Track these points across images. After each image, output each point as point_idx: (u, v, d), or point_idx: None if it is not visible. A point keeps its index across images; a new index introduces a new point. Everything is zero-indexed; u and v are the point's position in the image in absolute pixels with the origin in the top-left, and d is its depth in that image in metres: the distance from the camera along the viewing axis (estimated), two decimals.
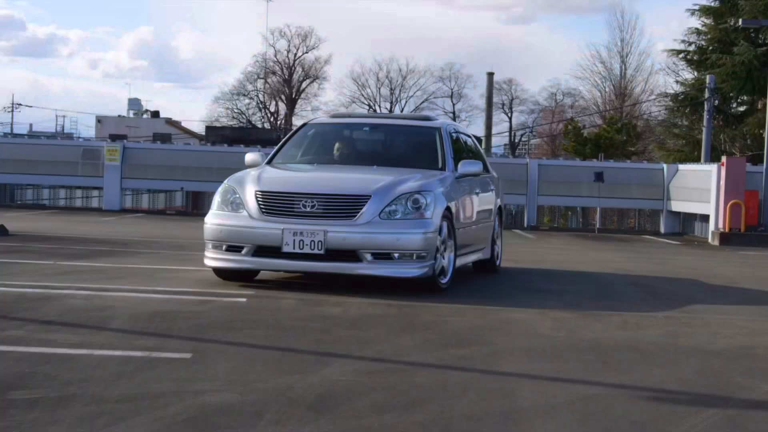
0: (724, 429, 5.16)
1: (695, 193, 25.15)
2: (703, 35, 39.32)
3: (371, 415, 5.15)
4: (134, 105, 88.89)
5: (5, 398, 5.19)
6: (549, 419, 5.22)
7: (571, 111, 73.28)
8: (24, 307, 8.18)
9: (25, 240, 15.01)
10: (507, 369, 6.51)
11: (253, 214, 9.55)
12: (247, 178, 9.99)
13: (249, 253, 9.54)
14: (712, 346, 7.71)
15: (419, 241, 9.39)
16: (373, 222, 9.36)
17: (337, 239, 9.27)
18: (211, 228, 9.78)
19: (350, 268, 9.44)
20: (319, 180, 10.33)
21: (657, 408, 5.58)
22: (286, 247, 9.31)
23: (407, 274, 9.46)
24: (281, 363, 6.36)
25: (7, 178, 27.97)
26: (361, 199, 9.46)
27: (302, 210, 9.41)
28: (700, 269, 15.15)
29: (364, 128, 12.08)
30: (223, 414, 5.04)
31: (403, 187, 9.69)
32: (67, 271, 10.92)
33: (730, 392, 6.07)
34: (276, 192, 9.66)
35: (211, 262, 9.88)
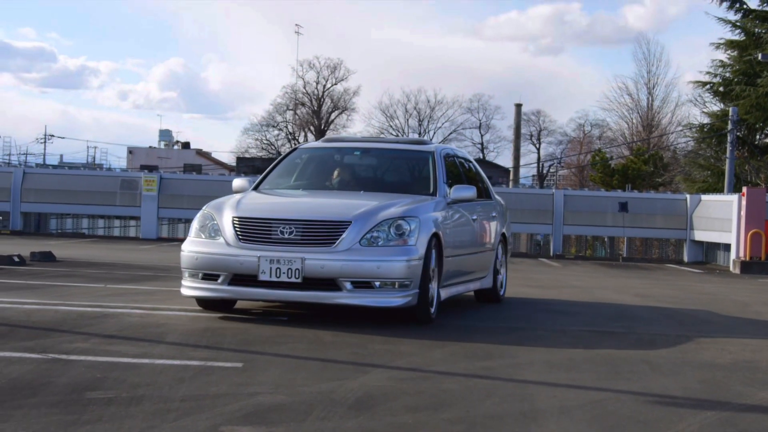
0: (718, 427, 5.83)
1: (717, 222, 25.74)
2: (728, 68, 39.90)
3: (405, 413, 5.85)
4: (165, 136, 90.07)
5: (84, 397, 5.93)
6: (562, 418, 5.91)
7: (599, 142, 73.73)
8: (86, 323, 8.95)
9: (73, 266, 15.84)
10: (527, 377, 7.20)
11: (230, 241, 9.26)
12: (225, 204, 9.69)
13: (225, 281, 9.24)
14: (717, 360, 8.38)
15: (401, 269, 9.01)
16: (353, 249, 9.00)
17: (315, 267, 8.93)
18: (187, 255, 9.49)
19: (329, 297, 9.06)
20: (298, 205, 9.97)
21: (660, 410, 6.25)
22: (262, 275, 9.01)
23: (388, 304, 9.06)
24: (323, 371, 7.07)
25: (48, 207, 28.91)
26: (341, 225, 9.12)
27: (279, 237, 9.10)
28: (717, 295, 15.77)
29: (355, 152, 11.61)
30: (276, 411, 5.76)
31: (385, 213, 9.33)
32: (118, 293, 11.71)
33: (729, 398, 6.74)
34: (253, 218, 9.35)
35: (188, 291, 9.55)
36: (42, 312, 9.58)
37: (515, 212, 27.83)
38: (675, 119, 63.28)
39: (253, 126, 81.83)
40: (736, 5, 39.26)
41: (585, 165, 68.33)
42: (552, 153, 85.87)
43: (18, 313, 9.39)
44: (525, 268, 21.26)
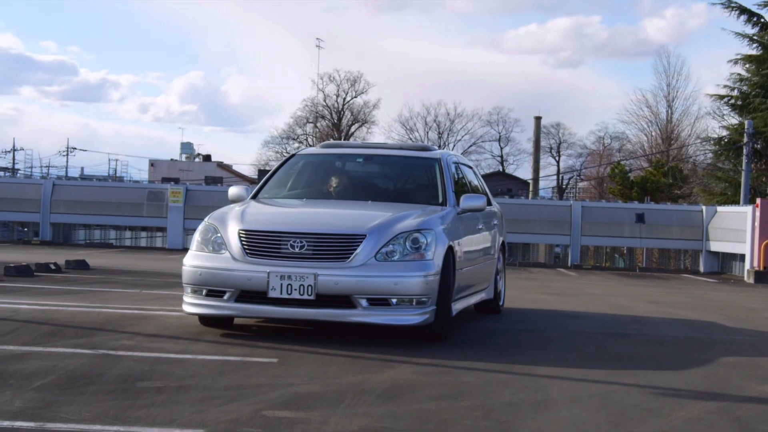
0: (715, 414, 6.37)
1: (732, 233, 26.23)
2: (745, 81, 40.28)
3: (428, 401, 6.42)
4: (187, 149, 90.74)
5: (136, 386, 6.52)
6: (573, 406, 6.47)
7: (618, 155, 74.06)
8: (128, 324, 9.57)
9: (107, 273, 16.49)
10: (541, 372, 7.76)
11: (236, 255, 8.70)
12: (229, 216, 9.13)
13: (231, 298, 8.69)
14: (720, 359, 8.93)
15: (419, 285, 8.54)
16: (369, 264, 8.51)
17: (328, 283, 8.41)
18: (189, 270, 8.92)
19: (343, 315, 8.52)
20: (308, 217, 9.46)
21: (663, 400, 6.80)
22: (272, 292, 8.47)
23: (406, 322, 8.57)
24: (352, 365, 7.64)
25: (77, 218, 29.61)
26: (356, 239, 8.62)
27: (290, 251, 8.56)
28: (729, 302, 16.30)
29: (358, 159, 11.13)
30: (311, 399, 6.33)
31: (401, 225, 8.85)
32: (154, 297, 12.33)
33: (728, 391, 7.29)
34: (261, 231, 8.80)
35: (190, 308, 8.97)
36: (86, 314, 10.20)
37: (534, 223, 28.46)
38: (694, 132, 63.54)
39: (273, 139, 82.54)
40: (754, 19, 39.63)
41: (604, 177, 68.70)
42: (572, 165, 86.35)
43: (64, 315, 10.01)
44: (542, 278, 21.80)
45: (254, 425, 5.54)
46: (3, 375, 6.72)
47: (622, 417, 6.19)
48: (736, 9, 39.39)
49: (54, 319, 9.61)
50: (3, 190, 29.54)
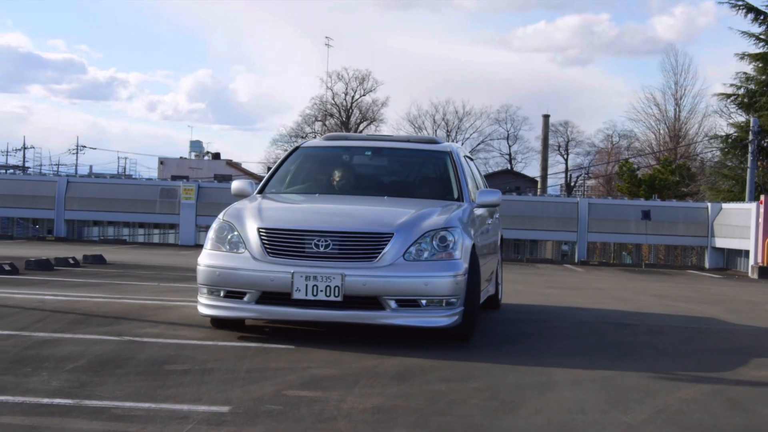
0: (710, 395, 6.76)
1: (737, 230, 26.61)
2: (752, 80, 40.55)
3: (438, 383, 6.81)
4: (196, 147, 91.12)
5: (163, 369, 6.93)
6: (575, 388, 6.85)
7: (627, 153, 74.31)
8: (150, 313, 9.99)
9: (123, 267, 16.94)
10: (545, 358, 8.16)
11: (256, 254, 8.28)
12: (245, 213, 8.72)
13: (252, 300, 8.26)
14: (718, 346, 9.34)
15: (449, 285, 8.22)
16: (397, 264, 8.16)
17: (356, 284, 8.04)
18: (206, 271, 8.48)
19: (371, 317, 8.16)
20: (331, 215, 8.93)
21: (661, 383, 7.18)
22: (297, 293, 8.06)
23: (436, 324, 8.25)
24: (366, 352, 8.02)
25: (91, 215, 30.10)
26: (383, 238, 8.26)
27: (314, 250, 8.18)
28: (730, 296, 16.69)
29: (366, 152, 10.73)
30: (328, 380, 6.73)
31: (428, 223, 8.52)
32: (172, 290, 12.77)
33: (724, 375, 7.68)
34: (283, 230, 8.37)
35: (207, 310, 8.53)
36: (109, 304, 10.63)
37: (541, 220, 28.86)
38: (702, 130, 63.78)
39: (282, 137, 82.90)
40: (761, 18, 39.91)
41: (612, 175, 68.98)
42: (580, 164, 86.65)
43: (88, 305, 10.43)
44: (549, 273, 22.19)
45: (276, 403, 5.93)
46: (38, 358, 7.14)
47: (622, 397, 6.57)
48: (743, 8, 39.63)
49: (79, 309, 10.04)
50: (18, 188, 30.01)
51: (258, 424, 5.38)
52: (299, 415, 5.63)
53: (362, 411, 5.80)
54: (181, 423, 5.34)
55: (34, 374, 6.55)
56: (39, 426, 5.17)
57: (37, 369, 6.74)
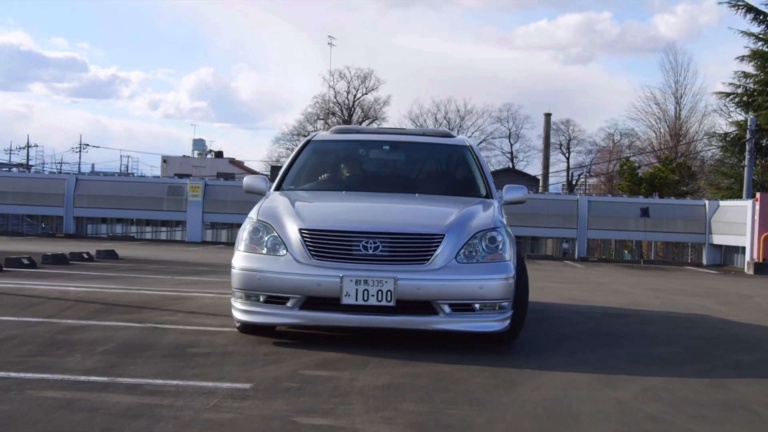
0: (694, 376, 7.29)
1: (734, 227, 27.15)
2: (751, 78, 41.03)
3: (443, 365, 7.33)
4: (199, 145, 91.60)
5: (187, 352, 7.46)
6: (570, 368, 7.37)
7: (628, 151, 74.71)
8: (168, 303, 10.53)
9: (136, 262, 17.49)
10: (543, 345, 8.68)
11: (299, 257, 7.80)
12: (281, 212, 8.28)
13: (296, 305, 7.78)
14: (707, 334, 9.86)
15: (503, 288, 7.86)
16: (450, 266, 7.78)
17: (409, 288, 7.63)
18: (244, 275, 7.99)
19: (425, 322, 7.74)
20: (378, 215, 8.45)
21: (649, 366, 7.71)
22: (346, 298, 7.62)
23: (489, 329, 7.88)
24: (374, 339, 8.54)
25: (99, 212, 30.68)
26: (435, 239, 7.87)
27: (362, 252, 7.76)
28: (725, 290, 17.23)
29: (384, 146, 10.32)
30: (340, 362, 7.25)
31: (476, 223, 8.17)
32: (186, 282, 13.31)
33: (709, 359, 8.20)
34: (329, 231, 7.89)
35: (245, 316, 8.03)
36: (129, 295, 11.17)
37: (542, 217, 29.38)
38: (702, 128, 64.13)
39: (284, 135, 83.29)
40: (760, 17, 40.39)
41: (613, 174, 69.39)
42: (581, 162, 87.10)
43: (109, 296, 10.98)
44: (550, 268, 22.72)
45: (293, 381, 6.45)
46: (69, 342, 7.67)
47: (612, 376, 7.09)
48: (743, 7, 40.11)
49: (101, 299, 10.58)
50: (28, 186, 30.59)
51: (278, 398, 5.90)
52: (315, 391, 6.15)
53: (373, 388, 6.31)
54: (208, 397, 5.86)
55: (68, 356, 7.08)
56: (80, 399, 5.68)
57: (71, 351, 7.27)
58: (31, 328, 8.34)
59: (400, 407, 5.78)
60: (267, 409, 5.58)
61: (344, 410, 5.64)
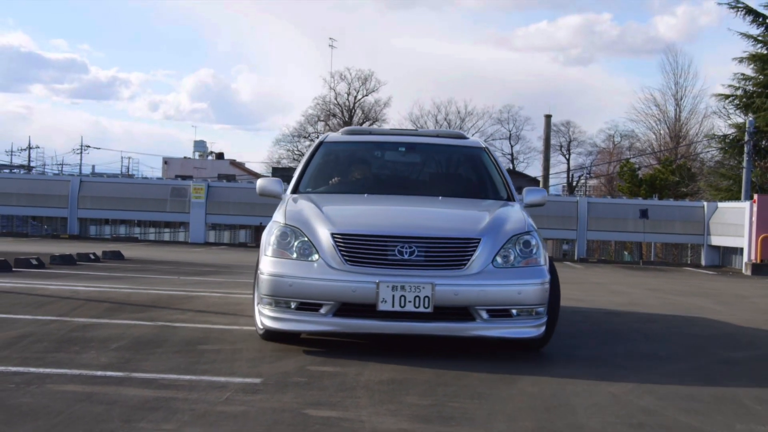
0: (687, 371, 7.55)
1: (732, 228, 27.44)
2: (750, 80, 41.24)
3: (444, 359, 7.59)
4: (200, 147, 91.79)
5: (197, 348, 7.73)
6: (568, 364, 7.64)
7: (628, 153, 74.94)
8: (177, 302, 10.80)
9: (142, 263, 17.77)
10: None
11: (332, 262, 7.58)
12: (310, 216, 8.04)
13: (329, 312, 7.54)
14: (702, 333, 10.14)
15: (539, 294, 7.75)
16: (487, 271, 7.63)
17: (447, 294, 7.46)
18: (273, 281, 7.69)
19: (462, 329, 7.58)
20: (412, 219, 8.30)
21: (645, 362, 7.98)
22: (382, 305, 7.40)
23: (526, 335, 7.74)
24: (379, 336, 8.78)
25: (103, 213, 31.00)
26: (471, 243, 7.70)
27: (398, 257, 7.56)
28: (722, 290, 17.50)
29: (400, 148, 10.12)
30: (346, 358, 7.51)
31: (510, 227, 8.03)
32: (193, 282, 13.58)
33: (703, 356, 8.47)
34: (363, 235, 7.69)
35: (276, 323, 7.74)
36: (138, 294, 11.45)
37: (542, 218, 29.62)
38: (702, 130, 64.34)
39: (284, 137, 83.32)
40: (759, 19, 40.60)
41: (613, 175, 69.63)
42: (582, 163, 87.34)
43: (119, 295, 11.26)
44: None
45: (301, 376, 6.72)
46: (83, 339, 7.94)
47: (610, 373, 7.34)
48: (743, 9, 40.32)
49: (111, 298, 10.86)
50: (33, 187, 30.90)
51: (288, 392, 6.16)
52: (323, 385, 6.41)
53: (378, 382, 6.58)
54: (220, 391, 6.12)
55: (84, 352, 7.35)
56: (98, 393, 5.95)
57: (85, 348, 7.54)
58: (45, 326, 8.60)
59: (404, 400, 6.04)
60: (278, 402, 5.85)
61: (351, 403, 5.91)
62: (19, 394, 5.82)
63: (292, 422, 5.36)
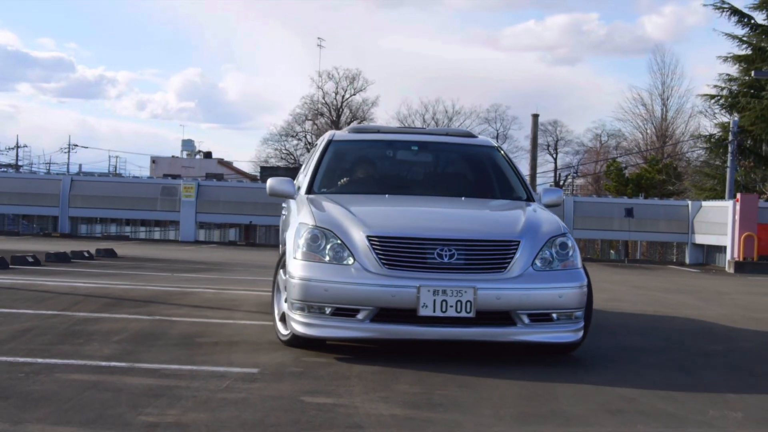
0: (666, 363, 7.90)
1: (716, 226, 27.85)
2: (735, 81, 41.61)
3: (434, 353, 7.91)
4: (188, 146, 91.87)
5: (195, 341, 8.03)
6: (550, 357, 7.96)
7: (615, 152, 75.35)
8: (174, 298, 11.12)
9: (135, 261, 18.08)
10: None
11: (369, 266, 7.32)
12: (340, 217, 7.77)
13: (367, 318, 7.28)
14: (682, 327, 10.51)
15: (578, 297, 7.61)
16: (527, 274, 7.44)
17: (489, 298, 7.26)
18: (306, 285, 7.38)
19: (503, 334, 7.41)
20: (449, 221, 8.16)
21: (626, 353, 8.33)
22: (423, 310, 7.17)
23: (565, 339, 7.62)
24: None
25: (94, 212, 31.27)
26: (512, 245, 7.52)
27: (437, 261, 7.35)
28: (704, 287, 17.88)
29: (413, 147, 9.81)
30: (340, 349, 7.82)
31: (546, 229, 7.88)
32: (187, 279, 13.90)
33: (681, 348, 8.83)
34: (401, 238, 7.44)
35: (309, 329, 7.42)
36: (135, 290, 11.76)
37: None
38: (688, 130, 64.78)
39: (272, 136, 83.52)
40: (744, 20, 40.97)
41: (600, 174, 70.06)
42: (569, 163, 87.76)
43: (117, 291, 11.58)
44: None
45: (297, 366, 7.03)
46: (86, 332, 8.25)
47: (592, 364, 7.68)
48: (728, 10, 40.69)
49: (110, 294, 11.18)
50: (24, 186, 31.14)
51: (284, 381, 6.48)
52: (318, 375, 6.74)
53: (370, 372, 6.90)
54: (220, 380, 6.43)
55: (87, 344, 7.65)
56: (105, 381, 6.26)
57: (88, 340, 7.85)
58: (48, 320, 8.91)
59: (395, 388, 6.37)
60: (275, 390, 6.16)
61: (345, 391, 6.23)
62: (29, 382, 6.12)
63: (290, 408, 5.68)
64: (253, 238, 32.00)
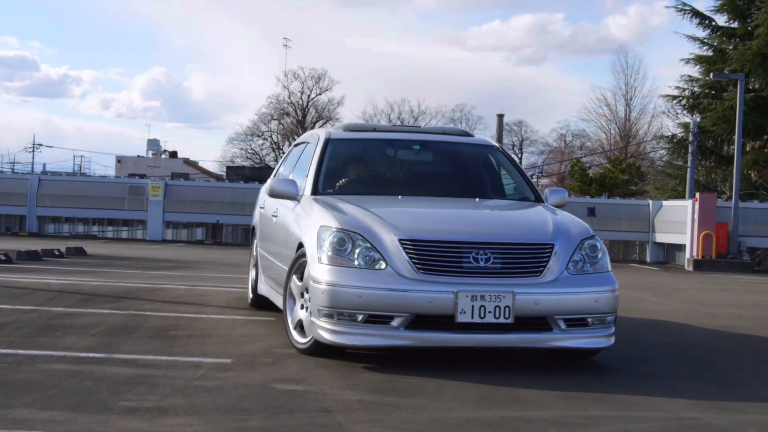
0: (622, 356, 8.29)
1: (676, 225, 28.40)
2: (696, 82, 42.14)
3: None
4: (153, 145, 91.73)
5: (169, 334, 8.36)
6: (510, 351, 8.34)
7: (580, 152, 76.01)
8: (145, 294, 11.43)
9: (105, 259, 18.34)
10: None
11: (403, 271, 7.04)
12: (365, 220, 7.46)
13: (402, 325, 6.99)
14: (637, 322, 10.95)
15: (612, 301, 7.48)
16: (562, 278, 7.26)
17: (527, 303, 7.07)
18: (336, 291, 7.05)
19: (541, 339, 7.21)
20: (482, 224, 7.90)
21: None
22: (461, 316, 6.94)
23: (600, 345, 7.46)
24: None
25: (62, 211, 31.42)
26: (546, 249, 7.34)
27: (473, 265, 7.11)
28: (662, 284, 18.37)
29: (414, 146, 9.54)
30: None
31: (577, 231, 7.71)
32: (157, 276, 14.19)
33: (637, 342, 9.25)
34: (435, 241, 7.19)
35: (340, 338, 7.08)
36: (107, 287, 12.05)
37: None
38: (651, 130, 65.48)
39: (238, 135, 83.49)
40: (705, 22, 41.54)
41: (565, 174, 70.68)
42: (534, 163, 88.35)
43: (89, 287, 11.88)
44: None
45: (267, 357, 7.38)
46: (63, 326, 8.56)
47: (555, 360, 8.07)
48: (689, 12, 41.25)
49: (83, 290, 11.47)
50: None
51: (256, 370, 6.82)
52: (287, 365, 7.08)
53: (338, 363, 7.25)
54: (195, 369, 6.76)
55: (65, 337, 7.96)
56: (85, 371, 6.57)
57: (66, 333, 8.15)
58: (25, 315, 9.20)
59: (361, 376, 6.73)
60: (248, 378, 6.51)
61: (314, 379, 6.58)
62: (13, 372, 6.43)
63: (262, 394, 6.02)
64: (220, 237, 32.25)
